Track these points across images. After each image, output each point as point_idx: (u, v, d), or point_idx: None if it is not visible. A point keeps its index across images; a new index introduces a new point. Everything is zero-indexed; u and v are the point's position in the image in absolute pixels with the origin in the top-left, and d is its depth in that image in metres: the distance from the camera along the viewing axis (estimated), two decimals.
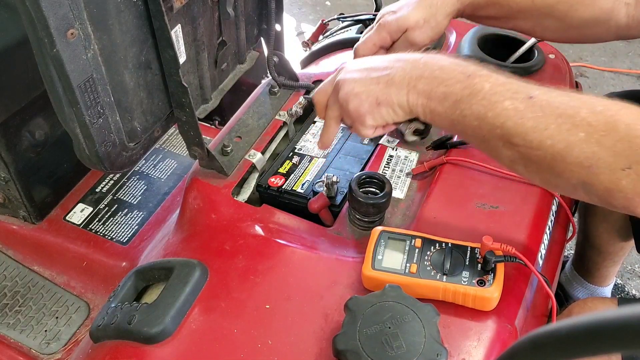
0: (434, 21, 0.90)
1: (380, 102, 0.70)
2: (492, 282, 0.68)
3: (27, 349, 0.91)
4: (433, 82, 0.68)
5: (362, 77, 0.72)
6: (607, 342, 0.31)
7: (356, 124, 0.74)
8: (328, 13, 2.70)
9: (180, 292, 0.71)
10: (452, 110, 0.66)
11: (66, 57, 0.62)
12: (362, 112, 0.72)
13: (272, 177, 0.90)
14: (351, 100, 0.72)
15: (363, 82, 0.71)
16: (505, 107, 0.63)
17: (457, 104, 0.66)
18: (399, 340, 0.60)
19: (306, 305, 0.71)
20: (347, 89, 0.72)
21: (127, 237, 1.01)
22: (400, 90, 0.69)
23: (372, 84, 0.71)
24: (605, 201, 0.60)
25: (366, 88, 0.71)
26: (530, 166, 0.63)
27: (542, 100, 0.62)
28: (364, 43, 0.93)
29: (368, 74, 0.72)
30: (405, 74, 0.69)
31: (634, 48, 2.47)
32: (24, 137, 0.96)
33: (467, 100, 0.65)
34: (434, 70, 0.68)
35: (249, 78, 1.18)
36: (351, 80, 0.72)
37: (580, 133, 0.59)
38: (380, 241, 0.73)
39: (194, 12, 0.83)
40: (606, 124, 0.58)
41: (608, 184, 0.58)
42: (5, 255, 1.03)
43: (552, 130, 0.60)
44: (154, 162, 1.16)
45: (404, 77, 0.69)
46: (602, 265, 1.35)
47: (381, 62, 0.73)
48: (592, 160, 0.58)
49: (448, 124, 0.68)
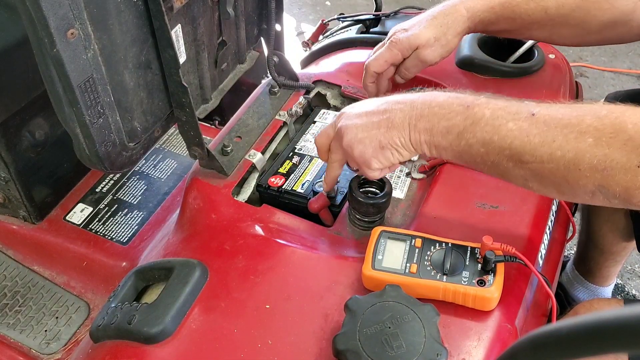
0: (445, 40, 0.91)
1: (384, 146, 0.72)
2: (492, 282, 0.68)
3: (27, 349, 0.91)
4: (433, 119, 0.69)
5: (364, 123, 0.73)
6: (607, 342, 0.31)
7: (362, 168, 0.75)
8: (328, 13, 2.70)
9: (180, 292, 0.71)
10: (457, 142, 0.67)
11: (66, 57, 0.62)
12: (367, 157, 0.73)
13: (272, 177, 0.90)
14: (355, 146, 0.73)
15: (365, 128, 0.72)
16: (510, 129, 0.63)
17: (461, 135, 0.67)
18: (399, 340, 0.60)
19: (306, 305, 0.71)
20: (351, 136, 0.73)
21: (127, 237, 1.01)
22: (402, 132, 0.70)
23: (374, 128, 0.72)
24: (626, 201, 0.60)
25: (369, 133, 0.72)
26: (544, 181, 0.64)
27: (544, 115, 0.63)
28: (376, 60, 0.94)
29: (369, 119, 0.73)
30: (404, 115, 0.70)
31: (634, 48, 2.47)
32: (24, 137, 0.96)
33: (471, 130, 0.66)
34: (432, 107, 0.69)
35: (249, 78, 1.18)
36: (353, 126, 0.73)
37: (588, 139, 0.59)
38: (380, 241, 0.73)
39: (194, 12, 0.83)
40: (613, 126, 0.58)
41: (625, 183, 0.58)
42: (5, 255, 1.03)
43: (560, 141, 0.60)
44: (154, 162, 1.16)
45: (404, 119, 0.70)
46: (604, 265, 1.35)
47: (380, 105, 0.74)
48: (606, 163, 0.58)
49: (455, 155, 0.69)
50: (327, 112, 1.05)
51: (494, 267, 0.69)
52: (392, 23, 1.22)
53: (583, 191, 0.62)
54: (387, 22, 1.23)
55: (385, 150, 0.72)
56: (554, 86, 1.06)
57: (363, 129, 0.72)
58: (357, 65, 1.12)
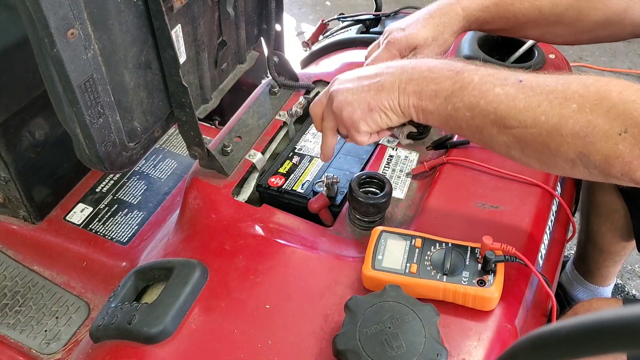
0: (442, 39, 0.92)
1: (372, 108, 0.72)
2: (492, 282, 0.68)
3: (27, 349, 0.91)
4: (422, 82, 0.69)
5: (354, 87, 0.74)
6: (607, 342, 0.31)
7: (351, 132, 0.76)
8: (328, 13, 2.70)
9: (180, 292, 0.71)
10: (445, 106, 0.68)
11: (66, 57, 0.62)
12: (355, 119, 0.73)
13: (272, 177, 0.90)
14: (344, 108, 0.74)
15: (355, 91, 0.73)
16: (497, 94, 0.64)
17: (448, 99, 0.68)
18: (399, 340, 0.60)
19: (306, 305, 0.71)
20: (340, 98, 0.74)
21: (127, 237, 1.01)
22: (391, 94, 0.71)
23: (364, 91, 0.73)
24: (604, 171, 0.60)
25: (358, 96, 0.73)
26: (527, 148, 0.64)
27: (532, 82, 0.63)
28: (374, 61, 0.94)
29: (359, 82, 0.74)
30: (394, 78, 0.71)
31: (634, 48, 2.47)
32: (24, 137, 0.96)
33: (459, 94, 0.67)
34: (422, 71, 0.70)
35: (249, 78, 1.18)
36: (344, 89, 0.74)
37: (572, 105, 0.60)
38: (380, 241, 0.73)
39: (194, 12, 0.83)
40: (597, 93, 0.59)
41: (605, 151, 0.58)
42: (5, 255, 1.03)
43: (545, 106, 0.61)
44: (154, 162, 1.16)
45: (393, 82, 0.71)
46: (604, 265, 1.35)
47: (371, 70, 0.75)
48: (588, 130, 0.59)
49: (441, 120, 0.70)
50: None
51: (494, 267, 0.69)
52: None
53: (563, 159, 0.62)
54: (387, 22, 1.23)
55: (373, 113, 0.72)
56: None
57: (353, 92, 0.73)
58: (357, 65, 1.11)
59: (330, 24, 1.35)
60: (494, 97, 0.64)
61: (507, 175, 0.84)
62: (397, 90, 0.71)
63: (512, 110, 0.63)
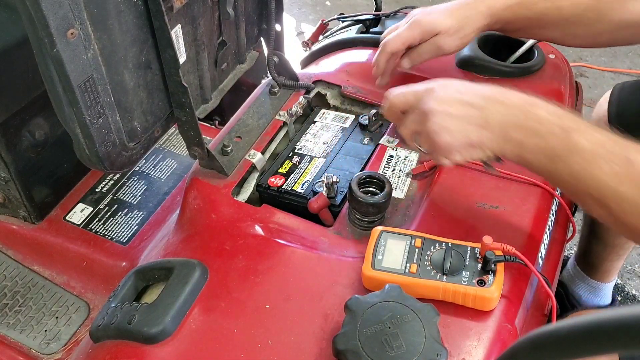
0: (463, 32, 0.92)
1: (473, 144, 0.70)
2: (492, 282, 0.68)
3: (27, 349, 0.91)
4: (528, 133, 0.67)
5: (456, 113, 0.70)
6: (606, 342, 0.31)
7: (439, 155, 0.74)
8: (328, 13, 2.70)
9: (180, 292, 0.71)
10: (547, 165, 0.67)
11: (66, 57, 0.62)
12: (452, 149, 0.71)
13: (272, 177, 0.90)
14: (442, 134, 0.71)
15: (457, 118, 0.70)
16: (604, 172, 0.63)
17: (553, 160, 0.66)
18: (399, 340, 0.60)
19: (306, 305, 0.71)
20: (440, 121, 0.71)
21: (127, 237, 1.01)
22: (494, 136, 0.69)
23: (467, 123, 0.70)
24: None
25: (460, 126, 0.70)
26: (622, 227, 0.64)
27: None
28: (395, 38, 0.94)
29: (463, 109, 0.70)
30: (501, 118, 0.69)
31: (634, 48, 2.47)
32: (24, 137, 0.96)
33: (564, 158, 0.65)
34: (530, 121, 0.67)
35: (249, 78, 1.18)
36: (444, 112, 0.71)
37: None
38: (380, 241, 0.73)
39: (194, 12, 0.83)
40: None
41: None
42: (5, 255, 1.03)
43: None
44: (154, 162, 1.16)
45: (499, 123, 0.69)
46: (608, 259, 1.35)
47: (476, 97, 0.71)
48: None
49: (539, 172, 0.69)
50: (327, 112, 1.05)
51: (494, 267, 0.69)
52: (392, 23, 1.21)
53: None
54: (387, 22, 1.23)
55: (472, 148, 0.71)
56: (554, 86, 1.06)
57: (455, 119, 0.70)
58: (357, 65, 1.12)
59: (330, 24, 1.35)
60: (600, 174, 0.62)
61: (507, 175, 0.84)
62: (500, 133, 0.69)
63: (616, 195, 0.62)
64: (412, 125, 0.76)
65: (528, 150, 0.68)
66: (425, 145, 0.76)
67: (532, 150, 0.67)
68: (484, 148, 0.70)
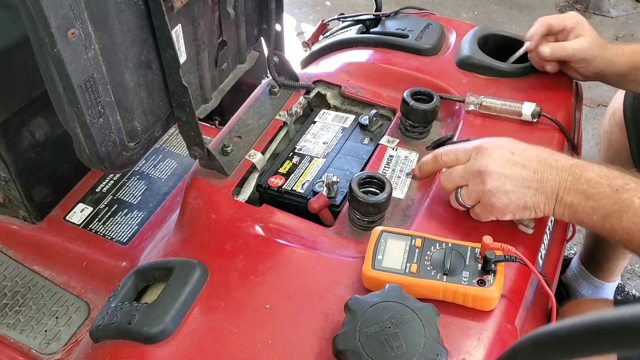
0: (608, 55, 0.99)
1: (528, 207, 0.73)
2: (492, 282, 0.68)
3: (27, 349, 0.91)
4: (581, 196, 0.70)
5: (514, 176, 0.73)
6: (607, 342, 0.31)
7: (489, 212, 0.75)
8: (328, 13, 2.70)
9: (180, 292, 0.71)
10: (601, 224, 0.70)
11: (67, 57, 0.62)
12: (507, 211, 0.74)
13: (272, 177, 0.90)
14: (499, 197, 0.73)
15: (514, 181, 0.73)
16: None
17: (606, 219, 0.69)
18: (399, 340, 0.60)
19: (306, 305, 0.71)
20: (497, 184, 0.73)
21: (127, 237, 1.01)
22: (549, 200, 0.72)
23: (524, 186, 0.72)
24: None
25: (517, 190, 0.73)
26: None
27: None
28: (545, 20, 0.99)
29: (519, 172, 0.73)
30: (555, 183, 0.72)
31: None
32: (24, 137, 0.96)
33: (617, 216, 0.68)
34: (581, 184, 0.71)
35: (249, 78, 1.18)
36: (501, 175, 0.73)
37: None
38: (380, 241, 0.73)
39: (194, 12, 0.83)
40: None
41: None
42: (5, 255, 1.03)
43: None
44: (154, 162, 1.16)
45: (553, 188, 0.72)
46: (613, 257, 1.35)
47: (529, 160, 0.73)
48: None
49: (594, 231, 0.72)
50: (327, 112, 1.05)
51: (494, 267, 0.69)
52: (392, 23, 1.22)
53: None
54: (387, 22, 1.23)
55: (526, 210, 0.74)
56: (554, 86, 1.06)
57: (512, 182, 0.72)
58: (357, 65, 1.12)
59: (330, 24, 1.35)
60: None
61: None
62: (555, 198, 0.72)
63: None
64: (458, 179, 0.77)
65: (581, 211, 0.71)
66: (469, 201, 0.77)
67: (585, 211, 0.70)
68: (537, 211, 0.73)
